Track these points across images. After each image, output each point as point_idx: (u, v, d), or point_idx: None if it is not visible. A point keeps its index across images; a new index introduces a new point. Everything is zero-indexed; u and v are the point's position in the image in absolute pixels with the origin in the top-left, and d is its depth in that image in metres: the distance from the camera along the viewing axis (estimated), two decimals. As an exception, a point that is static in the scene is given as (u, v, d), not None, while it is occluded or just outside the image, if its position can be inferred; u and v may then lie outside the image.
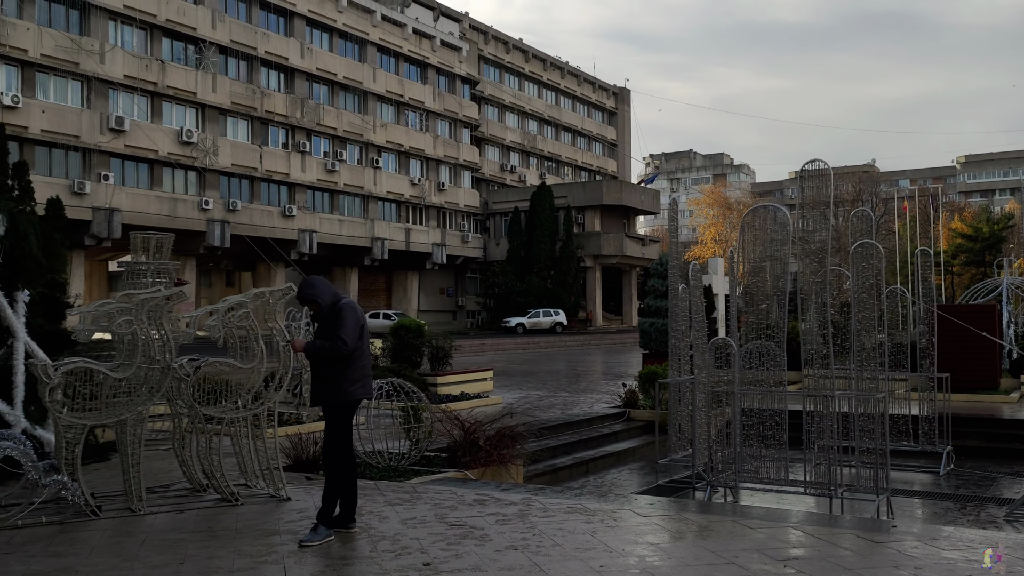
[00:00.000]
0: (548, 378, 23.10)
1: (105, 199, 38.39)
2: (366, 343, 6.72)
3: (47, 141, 36.80)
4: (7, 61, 36.06)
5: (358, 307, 6.74)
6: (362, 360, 6.65)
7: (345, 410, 6.58)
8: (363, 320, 6.67)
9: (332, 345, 6.44)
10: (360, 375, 6.62)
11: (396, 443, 10.05)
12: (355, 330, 6.51)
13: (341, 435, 6.59)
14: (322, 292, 6.61)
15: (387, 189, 54.23)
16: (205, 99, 43.48)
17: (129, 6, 40.23)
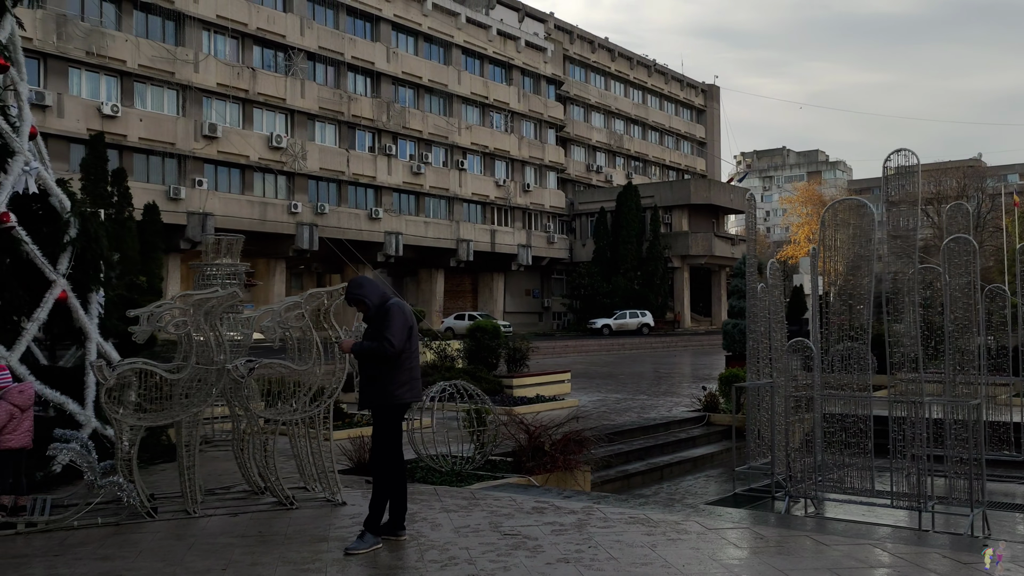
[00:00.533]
0: (628, 380, 22.62)
1: (199, 204, 39.50)
2: (415, 345, 6.51)
3: (145, 148, 38.07)
4: (107, 72, 37.46)
5: (407, 308, 6.53)
6: (410, 362, 6.44)
7: (392, 413, 6.38)
8: (412, 321, 6.46)
9: (379, 346, 6.25)
10: (408, 377, 6.41)
11: (461, 447, 9.85)
12: (402, 331, 6.30)
13: (389, 439, 6.39)
14: (370, 292, 6.42)
15: (472, 191, 54.38)
16: (294, 105, 44.35)
17: (222, 16, 41.33)
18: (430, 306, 53.99)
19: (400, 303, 6.49)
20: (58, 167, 34.49)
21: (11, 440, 6.62)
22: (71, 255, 9.45)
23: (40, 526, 6.63)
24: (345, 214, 46.45)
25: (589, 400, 17.54)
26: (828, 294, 10.39)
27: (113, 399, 6.86)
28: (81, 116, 35.82)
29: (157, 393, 7.32)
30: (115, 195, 33.63)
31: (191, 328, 7.21)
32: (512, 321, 57.01)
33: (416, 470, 9.41)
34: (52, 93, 35.02)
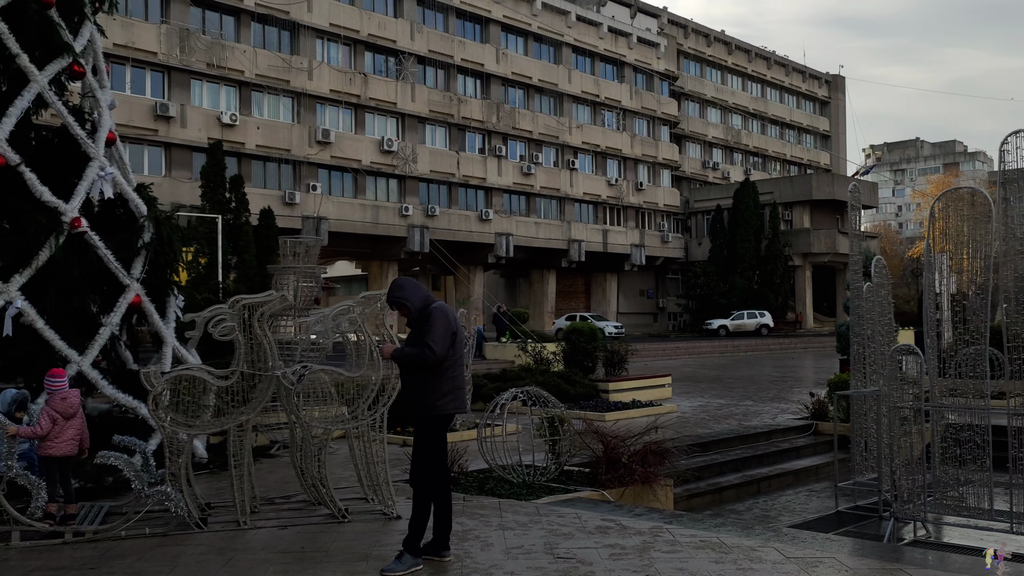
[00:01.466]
0: (736, 384, 21.61)
1: (313, 208, 40.37)
2: (460, 351, 6.08)
3: (261, 155, 39.18)
4: (226, 82, 38.74)
5: (451, 312, 6.11)
6: (454, 370, 6.02)
7: (434, 425, 5.98)
8: (455, 326, 6.02)
9: (419, 352, 5.85)
10: (451, 387, 5.99)
11: (533, 457, 9.38)
12: (445, 337, 5.89)
13: (430, 453, 5.99)
14: (412, 295, 6.03)
15: (583, 191, 53.77)
16: (405, 108, 44.83)
17: (334, 23, 42.14)
18: (542, 307, 53.73)
19: (444, 307, 6.07)
20: (181, 175, 35.95)
21: (52, 448, 6.55)
22: (145, 259, 9.49)
23: (88, 536, 6.55)
24: (455, 216, 46.65)
25: (689, 406, 16.75)
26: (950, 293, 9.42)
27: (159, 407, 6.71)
28: (202, 125, 37.14)
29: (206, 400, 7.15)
30: (233, 201, 34.73)
31: (239, 332, 7.00)
32: (626, 322, 56.10)
33: (487, 481, 9.01)
34: (175, 104, 36.42)
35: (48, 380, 6.62)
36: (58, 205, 8.54)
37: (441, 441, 6.06)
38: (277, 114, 40.68)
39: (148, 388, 6.69)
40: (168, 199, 35.23)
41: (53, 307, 8.44)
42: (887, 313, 9.99)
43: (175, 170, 36.67)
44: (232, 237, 34.12)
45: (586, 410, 14.99)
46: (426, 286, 6.73)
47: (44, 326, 8.34)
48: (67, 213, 8.59)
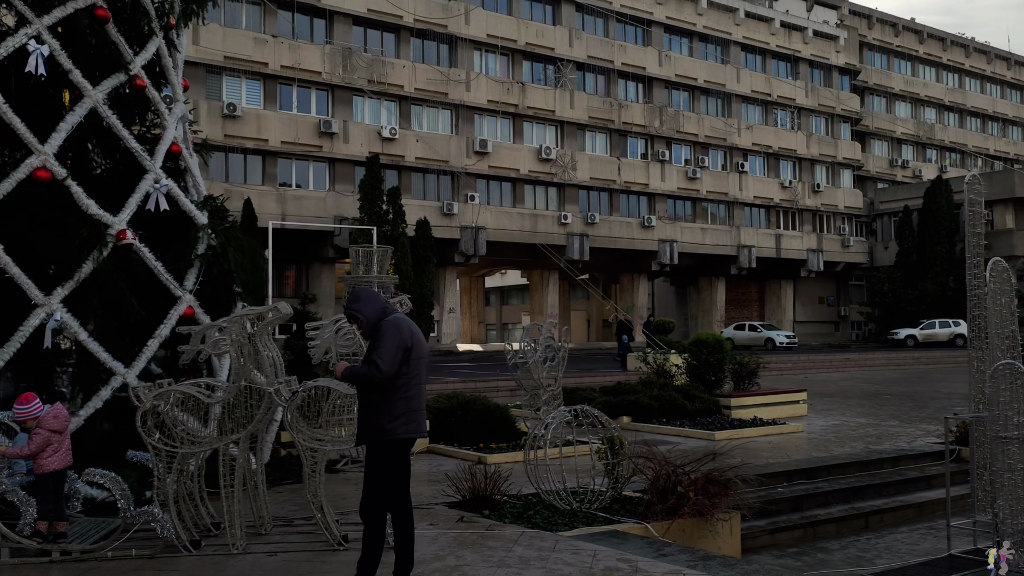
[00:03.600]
0: (891, 402, 19.57)
1: (472, 218, 40.73)
2: (416, 369, 5.47)
3: (420, 167, 39.95)
4: (387, 98, 39.82)
5: (406, 326, 5.50)
6: (407, 390, 5.42)
7: (384, 450, 5.41)
8: (410, 342, 5.42)
9: (367, 371, 5.30)
10: (404, 409, 5.39)
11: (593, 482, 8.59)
12: (394, 353, 5.31)
13: (381, 481, 5.42)
14: (366, 307, 5.49)
15: (754, 194, 51.40)
16: (563, 116, 44.48)
17: (492, 34, 42.45)
18: (710, 316, 51.80)
19: (398, 320, 5.49)
20: (344, 189, 37.22)
21: (52, 462, 6.49)
22: (198, 271, 9.48)
23: (75, 555, 6.44)
24: (616, 223, 45.76)
25: (821, 424, 15.22)
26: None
27: (148, 424, 6.51)
28: (364, 140, 38.31)
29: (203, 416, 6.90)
30: (390, 212, 35.58)
31: (232, 348, 6.71)
32: (803, 332, 53.11)
33: (531, 507, 8.33)
34: (338, 121, 37.79)
35: (19, 408, 6.49)
36: (104, 217, 8.63)
37: (394, 468, 5.47)
38: (436, 126, 41.39)
39: (136, 404, 6.52)
40: (332, 212, 36.78)
41: (98, 319, 8.53)
42: (1012, 323, 8.45)
43: (338, 184, 38.01)
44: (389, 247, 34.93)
45: (698, 427, 13.94)
46: (385, 298, 6.02)
47: (87, 338, 8.45)
48: (114, 225, 8.68)
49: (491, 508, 8.23)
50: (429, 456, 11.72)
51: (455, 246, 40.58)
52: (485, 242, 40.76)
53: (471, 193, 41.15)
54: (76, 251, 8.40)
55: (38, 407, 6.47)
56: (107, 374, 8.56)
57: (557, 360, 12.12)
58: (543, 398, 11.78)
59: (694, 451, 9.43)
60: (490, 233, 40.85)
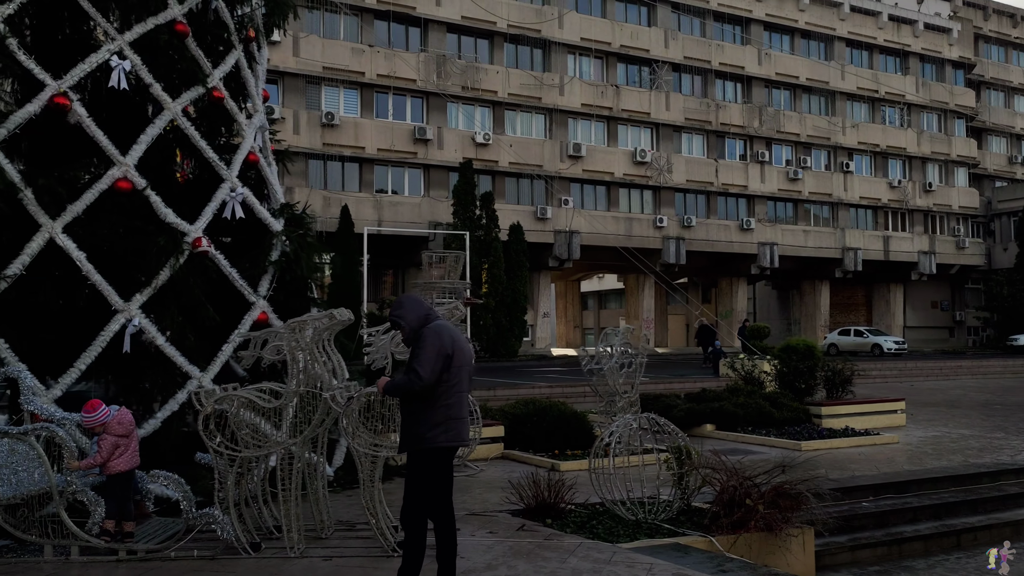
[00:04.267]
0: (1000, 412, 18.48)
1: (565, 222, 40.61)
2: (457, 377, 5.41)
3: (514, 172, 40.04)
4: (481, 103, 40.10)
5: (447, 333, 5.45)
6: (448, 398, 5.36)
7: (423, 459, 5.36)
8: (451, 349, 5.36)
9: (406, 380, 5.27)
10: (444, 417, 5.33)
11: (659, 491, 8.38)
12: (434, 361, 5.26)
13: (421, 491, 5.37)
14: (408, 313, 5.46)
15: (860, 194, 49.61)
16: (659, 118, 43.91)
17: (586, 38, 42.26)
18: (814, 320, 50.25)
19: (439, 327, 5.43)
20: (438, 195, 37.67)
21: (120, 464, 6.69)
22: (272, 277, 9.68)
23: (140, 554, 6.62)
24: (714, 226, 44.88)
25: (919, 436, 14.49)
26: None
27: (208, 427, 6.65)
28: (458, 146, 38.66)
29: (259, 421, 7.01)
30: (483, 217, 35.82)
31: (286, 354, 6.80)
32: (914, 337, 50.98)
33: (596, 516, 8.17)
34: (433, 127, 38.26)
35: (86, 416, 6.72)
36: (180, 226, 8.90)
37: (434, 477, 5.42)
38: (529, 131, 41.45)
39: (198, 408, 6.68)
40: (426, 218, 37.24)
41: (175, 324, 8.79)
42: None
43: (433, 190, 38.47)
44: (482, 252, 35.17)
45: (784, 437, 13.47)
46: (429, 304, 5.92)
47: (164, 343, 8.72)
48: (190, 233, 8.94)
49: (554, 517, 8.11)
50: (503, 462, 11.68)
51: (549, 250, 40.53)
52: (579, 246, 40.58)
53: (565, 197, 41.02)
54: (154, 258, 8.68)
55: (104, 413, 6.69)
56: (183, 377, 8.82)
57: (634, 366, 11.89)
58: (619, 405, 11.57)
59: (774, 461, 9.08)
60: (584, 237, 40.63)
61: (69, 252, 8.34)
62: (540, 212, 40.01)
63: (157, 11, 9.17)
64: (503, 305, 35.65)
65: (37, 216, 8.27)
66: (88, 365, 8.36)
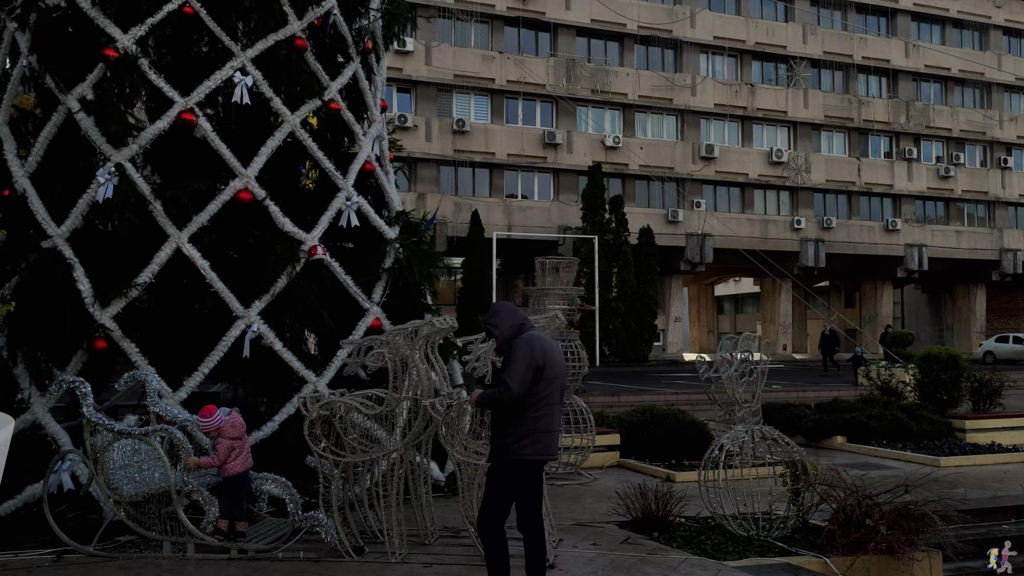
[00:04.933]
0: None
1: (697, 225, 39.82)
2: (547, 390, 5.30)
3: (644, 175, 39.57)
4: (610, 106, 39.85)
5: (539, 344, 5.34)
6: (537, 411, 5.26)
7: (506, 471, 5.29)
8: (542, 361, 5.25)
9: (496, 392, 5.22)
10: (531, 429, 5.24)
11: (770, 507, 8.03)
12: (524, 373, 5.18)
13: (496, 501, 5.29)
14: (502, 322, 5.40)
15: (1020, 192, 46.44)
16: (796, 116, 42.46)
17: (719, 36, 41.33)
18: (968, 326, 47.40)
19: (531, 338, 5.34)
20: (568, 199, 37.68)
21: (235, 466, 6.94)
22: (386, 284, 9.86)
23: (250, 554, 6.84)
24: (855, 227, 42.99)
25: (1077, 454, 13.34)
26: None
27: (313, 432, 6.81)
28: (587, 150, 38.53)
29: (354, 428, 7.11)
30: (613, 221, 35.57)
31: (389, 362, 6.89)
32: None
33: (705, 531, 7.91)
34: (562, 132, 38.29)
35: (202, 421, 7.00)
36: (297, 234, 9.18)
37: (517, 489, 5.33)
38: (660, 133, 40.88)
39: (304, 413, 6.85)
40: (556, 222, 37.31)
41: (291, 330, 9.07)
42: None
43: (562, 194, 38.48)
44: (611, 256, 34.93)
45: (922, 452, 12.70)
46: (524, 314, 5.73)
47: (282, 348, 9.00)
48: (306, 242, 9.21)
49: (662, 530, 7.90)
50: (619, 471, 11.49)
51: (680, 254, 39.83)
52: (712, 249, 39.70)
53: (697, 199, 40.21)
54: (272, 266, 8.98)
55: (219, 419, 6.96)
56: (299, 382, 9.08)
57: (755, 375, 11.44)
58: (738, 415, 11.14)
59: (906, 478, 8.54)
60: (717, 240, 39.73)
61: (194, 261, 8.74)
62: (671, 215, 39.38)
63: (277, 27, 9.48)
64: (632, 309, 35.28)
65: (165, 227, 8.70)
66: (211, 368, 8.73)
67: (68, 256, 8.49)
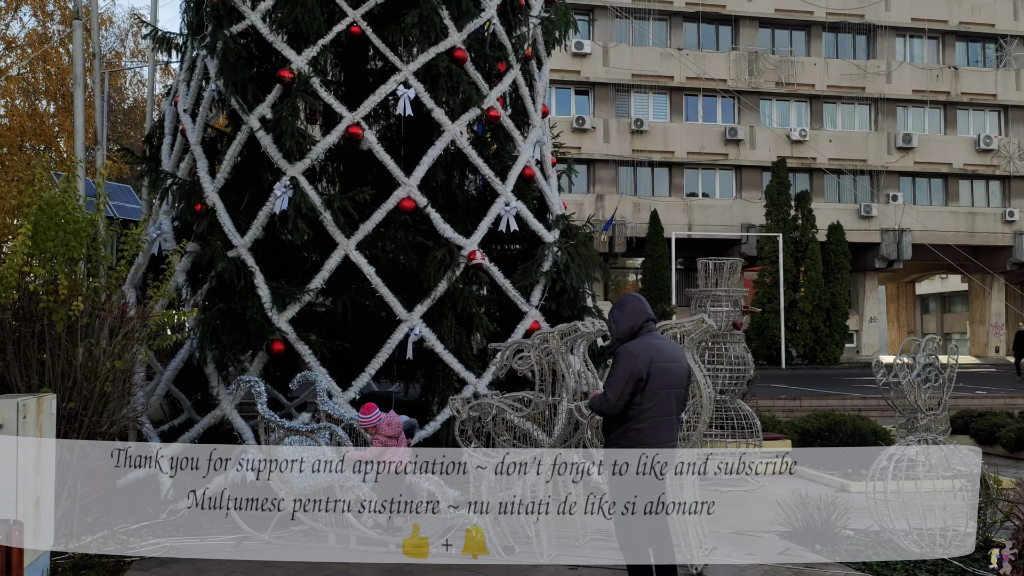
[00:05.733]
0: None
1: (894, 220, 37.56)
2: (652, 401, 5.17)
3: (833, 168, 37.76)
4: (796, 98, 38.31)
5: (646, 353, 5.17)
6: (640, 423, 5.15)
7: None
8: (645, 372, 5.10)
9: (597, 400, 5.18)
10: (633, 442, 5.13)
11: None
12: (623, 384, 5.08)
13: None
14: (619, 322, 5.27)
15: None
16: (1007, 99, 39.18)
17: (916, 18, 38.81)
18: None
19: (638, 346, 5.13)
20: (751, 196, 36.65)
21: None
22: (544, 287, 9.97)
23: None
24: (1078, 218, 39.13)
25: None
26: None
27: (465, 434, 7.01)
28: (771, 145, 37.21)
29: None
30: (799, 217, 34.18)
31: (536, 365, 6.98)
32: None
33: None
34: (744, 127, 37.20)
35: (362, 417, 7.35)
36: (457, 240, 9.47)
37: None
38: (851, 124, 38.89)
39: (454, 415, 7.06)
40: (738, 220, 36.38)
41: (452, 333, 9.36)
42: None
43: (745, 191, 37.39)
44: (797, 254, 33.58)
45: None
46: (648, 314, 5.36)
47: (443, 350, 9.30)
48: (466, 247, 9.48)
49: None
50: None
51: (874, 251, 37.69)
52: (910, 245, 37.32)
53: (893, 193, 37.92)
54: (432, 271, 9.30)
55: (377, 416, 7.31)
56: (460, 383, 9.36)
57: (941, 381, 10.68)
58: (921, 423, 10.44)
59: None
60: (916, 235, 37.30)
61: (361, 267, 9.21)
62: (864, 210, 37.36)
63: (438, 40, 9.81)
64: (820, 309, 33.74)
65: (335, 235, 9.22)
66: (377, 369, 9.17)
67: (250, 264, 9.18)
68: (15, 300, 7.25)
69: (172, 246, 9.70)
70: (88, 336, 7.44)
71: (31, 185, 7.89)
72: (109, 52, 30.18)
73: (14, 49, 18.49)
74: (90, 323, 7.56)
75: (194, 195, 9.68)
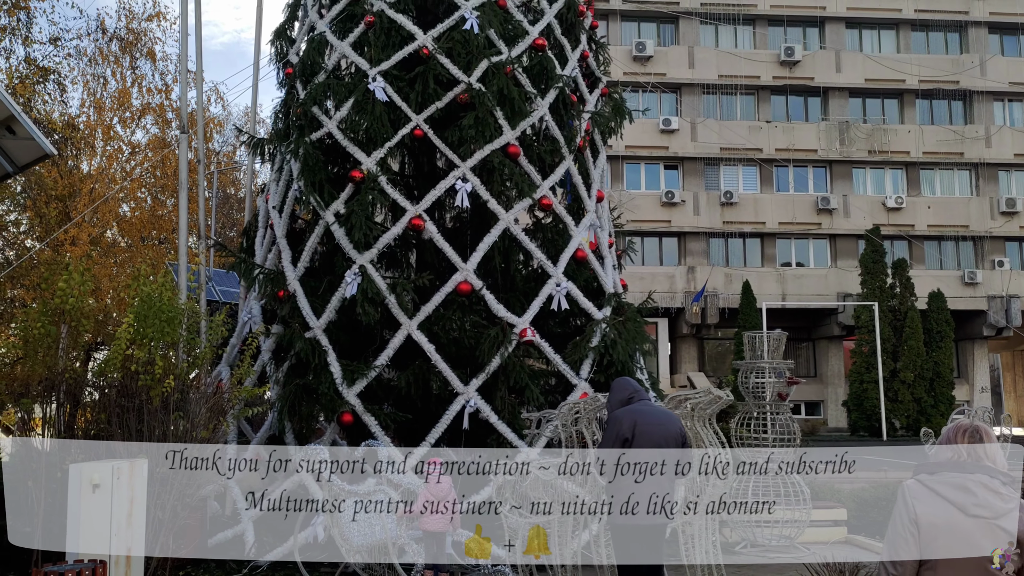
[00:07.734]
0: None
1: (1001, 286, 36.48)
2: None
3: (933, 235, 37.08)
4: (890, 166, 37.98)
5: (630, 418, 5.93)
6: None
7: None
8: (629, 433, 5.88)
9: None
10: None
11: None
12: (611, 441, 5.88)
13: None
14: (611, 397, 6.08)
15: None
16: (1117, 159, 37.85)
17: (1015, 82, 38.17)
18: None
19: (624, 413, 5.91)
20: (846, 264, 36.30)
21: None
22: (593, 361, 10.68)
23: (448, 599, 7.86)
24: None
25: None
26: None
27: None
28: (866, 212, 36.88)
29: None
30: (897, 286, 33.65)
31: (563, 433, 7.68)
32: None
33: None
34: (837, 196, 37.04)
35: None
36: (510, 318, 10.32)
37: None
38: (951, 190, 38.20)
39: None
40: (834, 289, 36.08)
41: (505, 404, 10.15)
42: None
43: (840, 260, 37.04)
44: (896, 323, 32.99)
45: None
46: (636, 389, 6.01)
47: (497, 420, 10.09)
48: (518, 325, 10.32)
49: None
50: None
51: (982, 318, 36.57)
52: (1020, 312, 36.07)
53: (998, 258, 36.88)
54: (487, 347, 10.16)
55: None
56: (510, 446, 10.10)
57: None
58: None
59: None
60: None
61: (422, 345, 10.15)
62: (968, 276, 36.41)
63: (492, 138, 10.83)
64: (923, 379, 32.86)
65: (399, 316, 10.22)
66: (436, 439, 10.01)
67: (324, 344, 10.24)
68: (119, 379, 8.46)
69: (261, 328, 10.90)
70: (178, 409, 8.57)
71: (136, 280, 9.17)
72: (226, 146, 32.86)
73: (138, 153, 20.70)
74: (181, 398, 8.70)
75: (278, 282, 10.88)
